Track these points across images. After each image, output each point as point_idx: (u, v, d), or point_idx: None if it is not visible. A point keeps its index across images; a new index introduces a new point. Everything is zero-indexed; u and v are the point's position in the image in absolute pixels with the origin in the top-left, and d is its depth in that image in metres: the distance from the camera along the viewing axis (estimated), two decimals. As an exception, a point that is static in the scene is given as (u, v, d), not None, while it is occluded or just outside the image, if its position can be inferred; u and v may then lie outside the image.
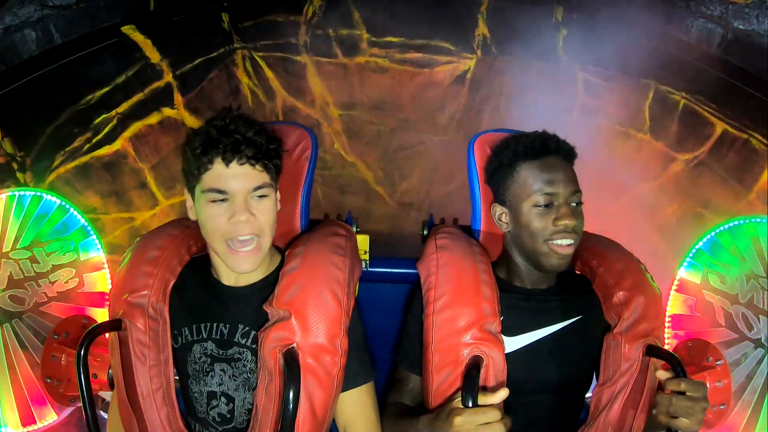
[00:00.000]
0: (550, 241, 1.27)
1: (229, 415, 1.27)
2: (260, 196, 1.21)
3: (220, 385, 1.27)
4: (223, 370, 1.27)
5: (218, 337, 1.27)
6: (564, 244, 1.27)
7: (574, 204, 1.28)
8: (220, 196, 1.18)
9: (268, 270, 1.31)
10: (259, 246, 1.22)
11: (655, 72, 2.50)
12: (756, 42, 2.02)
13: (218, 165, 1.17)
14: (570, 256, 1.29)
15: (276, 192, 1.26)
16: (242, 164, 1.18)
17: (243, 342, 1.26)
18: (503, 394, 1.12)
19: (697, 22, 2.18)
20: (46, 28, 2.10)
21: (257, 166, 1.19)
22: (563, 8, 2.72)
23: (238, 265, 1.22)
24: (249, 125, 1.21)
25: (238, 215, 1.17)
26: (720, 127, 2.32)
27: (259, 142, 1.19)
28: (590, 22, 2.64)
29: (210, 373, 1.27)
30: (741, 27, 2.06)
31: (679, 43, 2.26)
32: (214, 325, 1.28)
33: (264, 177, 1.21)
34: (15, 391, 1.76)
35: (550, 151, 1.29)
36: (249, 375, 1.25)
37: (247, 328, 1.26)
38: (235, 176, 1.18)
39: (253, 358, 1.25)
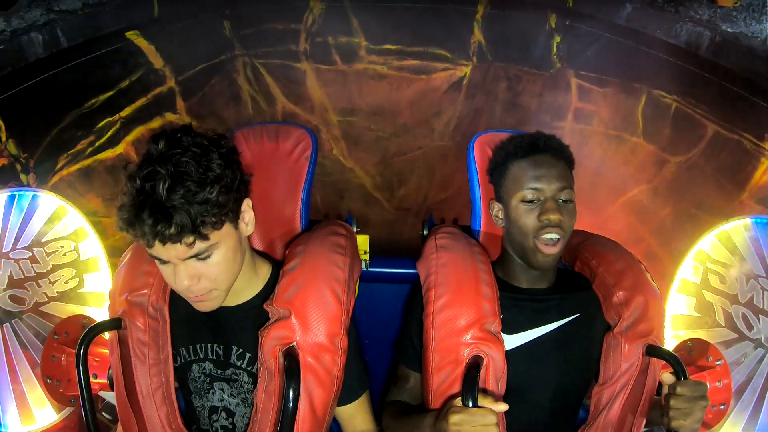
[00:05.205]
0: (537, 238, 1.24)
1: (231, 427, 1.23)
2: (201, 258, 1.04)
3: (221, 401, 1.23)
4: (222, 388, 1.23)
5: (215, 357, 1.22)
6: (549, 239, 1.22)
7: (561, 200, 1.25)
8: (161, 261, 1.05)
9: (258, 286, 1.23)
10: (215, 297, 1.11)
11: (647, 76, 2.48)
12: (744, 44, 2.01)
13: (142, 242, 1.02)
14: (557, 255, 1.25)
15: (236, 228, 1.09)
16: (165, 244, 0.99)
17: (239, 364, 1.21)
18: (503, 407, 1.10)
19: (686, 26, 2.17)
20: (52, 31, 2.07)
21: (183, 242, 1.00)
22: (556, 15, 2.70)
23: (197, 308, 1.12)
24: (174, 183, 0.96)
25: (179, 283, 1.05)
26: (711, 128, 2.30)
27: (180, 218, 0.96)
28: (583, 28, 2.63)
29: (210, 391, 1.23)
30: (729, 30, 2.04)
31: (669, 47, 2.25)
32: (209, 345, 1.22)
33: (196, 247, 1.01)
34: (15, 391, 1.73)
35: (539, 149, 1.28)
36: (247, 395, 1.21)
37: (241, 350, 1.20)
38: (163, 251, 1.01)
39: (250, 379, 1.20)
